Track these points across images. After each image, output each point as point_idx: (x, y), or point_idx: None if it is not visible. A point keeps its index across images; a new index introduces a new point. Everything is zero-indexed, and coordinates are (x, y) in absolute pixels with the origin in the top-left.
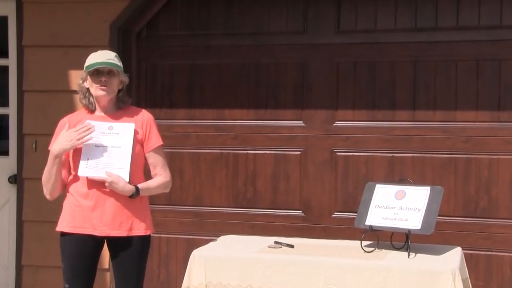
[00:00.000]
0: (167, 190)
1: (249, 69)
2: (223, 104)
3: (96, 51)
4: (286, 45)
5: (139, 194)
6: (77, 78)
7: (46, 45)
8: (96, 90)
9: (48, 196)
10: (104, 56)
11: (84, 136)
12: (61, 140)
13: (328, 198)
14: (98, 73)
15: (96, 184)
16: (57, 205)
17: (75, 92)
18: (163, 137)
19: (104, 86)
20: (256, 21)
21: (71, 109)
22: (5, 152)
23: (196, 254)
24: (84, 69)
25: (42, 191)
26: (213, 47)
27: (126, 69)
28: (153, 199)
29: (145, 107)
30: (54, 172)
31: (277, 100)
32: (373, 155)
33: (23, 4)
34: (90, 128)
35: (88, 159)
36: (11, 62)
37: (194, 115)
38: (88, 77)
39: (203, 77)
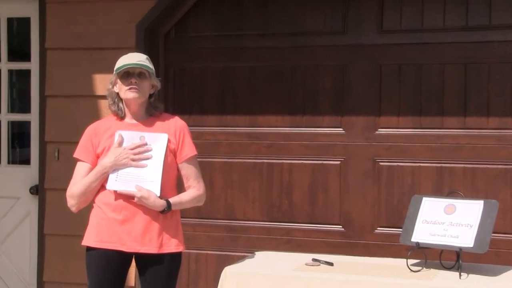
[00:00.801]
0: (201, 204)
1: (285, 72)
2: (256, 110)
3: (124, 53)
4: (325, 47)
5: (170, 209)
6: (102, 82)
7: (70, 47)
8: (126, 93)
9: (74, 209)
10: (135, 58)
11: (141, 158)
12: (115, 157)
13: (370, 212)
14: (128, 75)
15: (124, 196)
16: (81, 217)
17: (100, 97)
18: (195, 145)
19: (134, 88)
20: (293, 21)
21: (95, 115)
22: (26, 161)
23: (228, 271)
24: (114, 72)
25: (65, 202)
26: (246, 49)
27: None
28: (182, 212)
29: (173, 114)
30: (94, 186)
31: (315, 105)
32: (419, 165)
33: (46, 4)
34: (149, 148)
35: (117, 171)
36: (33, 65)
37: (225, 121)
38: (118, 81)
39: (235, 81)
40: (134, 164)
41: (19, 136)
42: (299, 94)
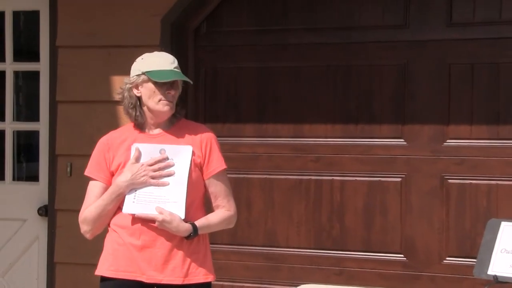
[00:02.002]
0: (231, 226)
1: (335, 73)
2: (302, 117)
3: (147, 51)
4: (383, 43)
5: (197, 234)
6: (120, 85)
7: (84, 45)
8: (160, 104)
9: (88, 235)
10: (169, 62)
11: (162, 175)
12: (131, 175)
13: (438, 238)
14: (164, 83)
15: (144, 220)
16: (97, 243)
17: (120, 103)
18: (227, 160)
19: (171, 101)
20: (344, 13)
21: (114, 123)
22: (34, 178)
23: None
24: (138, 72)
25: (77, 224)
26: (289, 46)
27: (182, 73)
28: (214, 237)
29: (204, 122)
30: (109, 208)
31: (371, 112)
32: (497, 183)
33: None
34: (171, 164)
35: (135, 191)
36: (43, 66)
37: (265, 131)
38: (145, 85)
39: (277, 84)
40: (154, 182)
41: (25, 148)
42: (352, 99)
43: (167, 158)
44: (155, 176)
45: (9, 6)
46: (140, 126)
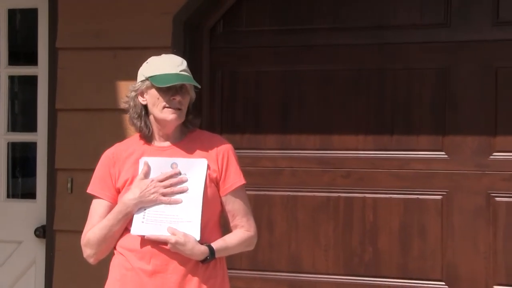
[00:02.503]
0: (251, 248)
1: (367, 77)
2: (330, 127)
3: (157, 54)
4: (421, 44)
5: (214, 257)
6: (127, 91)
7: (87, 47)
8: (165, 112)
9: (92, 260)
10: (175, 64)
11: (174, 192)
12: (140, 192)
13: (484, 264)
14: (168, 88)
15: (154, 242)
16: (100, 268)
17: (126, 111)
18: (246, 174)
19: (178, 108)
20: (378, 11)
21: (120, 134)
22: (31, 195)
23: None
24: (142, 77)
25: (79, 247)
26: (316, 48)
27: (196, 78)
28: (232, 261)
29: (221, 132)
30: (116, 230)
31: (408, 121)
32: None
33: None
34: (184, 179)
35: (144, 210)
36: (41, 70)
37: (289, 142)
38: (151, 92)
39: (302, 89)
40: (165, 200)
41: (21, 161)
42: (387, 107)
43: (179, 173)
44: (166, 193)
45: (4, 4)
46: (147, 138)
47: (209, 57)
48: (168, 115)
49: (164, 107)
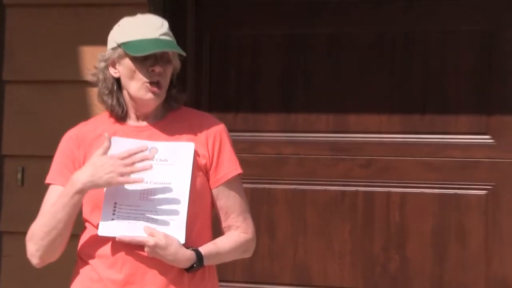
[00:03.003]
0: (248, 255)
1: (392, 43)
2: (345, 104)
3: (129, 13)
4: (460, 0)
5: (202, 264)
6: (93, 60)
7: (43, 3)
8: (142, 90)
9: (36, 261)
10: (154, 27)
11: (134, 171)
12: (93, 170)
13: None
14: (146, 57)
15: (128, 245)
16: (60, 279)
17: (90, 84)
18: (241, 163)
19: (157, 85)
20: None
21: (84, 113)
22: None
23: None
24: (113, 44)
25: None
26: (328, 6)
27: (178, 44)
28: (224, 270)
29: (209, 111)
30: (61, 218)
31: (443, 97)
32: None
33: None
34: (148, 156)
35: (115, 205)
36: None
37: (294, 124)
38: (123, 62)
39: (310, 58)
40: (123, 180)
41: None
42: (416, 79)
43: (146, 149)
44: (125, 172)
45: None
46: (119, 117)
47: (195, 18)
48: (145, 93)
49: (144, 83)
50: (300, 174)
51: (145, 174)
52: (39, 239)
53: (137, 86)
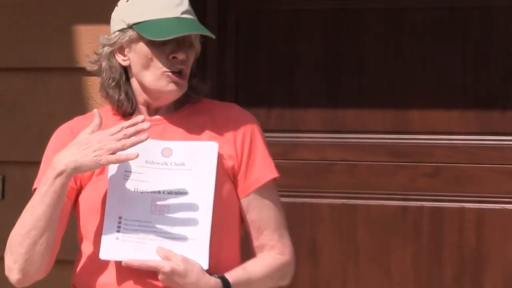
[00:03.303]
0: (285, 283)
1: (463, 19)
2: (406, 97)
3: None
4: None
5: None
6: (91, 42)
7: None
8: (163, 81)
9: (16, 276)
10: (173, 3)
11: (131, 143)
12: (78, 148)
13: None
14: (165, 42)
15: (137, 271)
16: None
17: (86, 72)
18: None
19: (179, 75)
20: None
21: (78, 108)
22: None
23: None
24: (122, 24)
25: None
26: None
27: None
28: None
29: (237, 103)
30: (43, 213)
31: None
32: None
33: None
34: (145, 126)
35: (120, 219)
36: None
37: (342, 122)
38: (135, 47)
39: (360, 39)
40: (114, 159)
41: None
42: (495, 66)
43: (144, 126)
44: (115, 149)
45: None
46: (126, 114)
47: None
48: (165, 84)
49: (164, 73)
50: (349, 185)
51: (157, 181)
52: (17, 246)
53: (155, 76)
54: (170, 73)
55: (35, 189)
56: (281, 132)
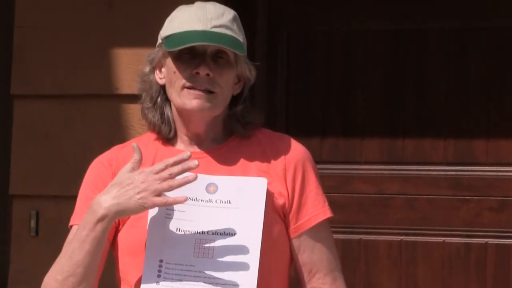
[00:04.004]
0: None
1: None
2: (471, 126)
3: (183, 1)
4: None
5: None
6: (131, 67)
7: None
8: (184, 97)
9: None
10: (208, 17)
11: (178, 184)
12: (120, 190)
13: None
14: (192, 56)
15: None
16: None
17: (129, 98)
18: (330, 205)
19: (202, 91)
20: None
21: (116, 137)
22: None
23: None
24: (159, 39)
25: None
26: None
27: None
28: None
29: (286, 132)
30: (82, 260)
31: None
32: None
33: None
34: (190, 165)
35: (161, 263)
36: None
37: (401, 153)
38: (168, 62)
39: (423, 63)
40: (160, 201)
41: None
42: None
43: (188, 157)
44: (161, 189)
45: None
46: (167, 139)
47: (267, 7)
48: (187, 100)
49: (184, 87)
50: (409, 220)
51: (200, 220)
52: (55, 284)
53: (177, 92)
54: (191, 89)
55: (71, 226)
56: (335, 163)
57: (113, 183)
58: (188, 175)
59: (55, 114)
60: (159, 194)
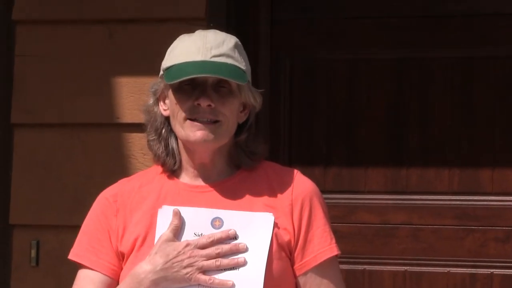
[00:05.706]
0: None
1: None
2: (475, 154)
3: (186, 31)
4: None
5: None
6: (133, 95)
7: (64, 19)
8: (187, 130)
9: None
10: (208, 46)
11: (226, 264)
12: (166, 261)
13: None
14: (193, 87)
15: None
16: None
17: (133, 127)
18: (336, 237)
19: (206, 122)
20: None
21: (119, 168)
22: None
23: None
24: (161, 71)
25: None
26: (455, 19)
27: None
28: None
29: (289, 164)
30: None
31: None
32: None
33: None
34: (241, 247)
35: None
36: None
37: (406, 182)
38: (170, 94)
39: (427, 91)
40: (207, 280)
41: None
42: None
43: (233, 236)
44: (209, 267)
45: None
46: (173, 170)
47: (270, 36)
48: (192, 133)
49: (185, 118)
50: (414, 250)
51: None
52: None
53: (180, 124)
54: (193, 120)
55: (72, 260)
56: (339, 193)
57: (157, 251)
58: (238, 257)
59: (55, 143)
60: (204, 270)
